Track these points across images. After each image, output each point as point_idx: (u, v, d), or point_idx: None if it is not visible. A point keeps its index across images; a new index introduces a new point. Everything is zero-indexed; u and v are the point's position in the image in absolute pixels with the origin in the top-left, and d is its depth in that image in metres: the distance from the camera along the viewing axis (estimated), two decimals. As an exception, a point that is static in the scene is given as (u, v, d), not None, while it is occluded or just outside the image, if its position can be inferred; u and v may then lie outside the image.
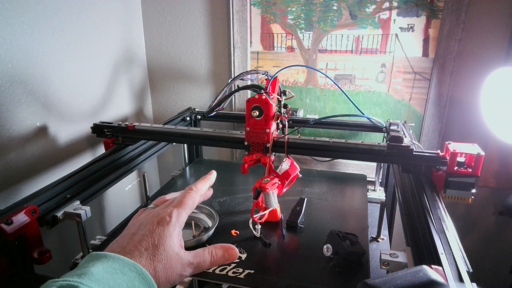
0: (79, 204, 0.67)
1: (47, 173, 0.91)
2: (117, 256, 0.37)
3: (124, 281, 0.35)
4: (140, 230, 0.42)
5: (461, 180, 0.65)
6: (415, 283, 0.37)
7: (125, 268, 0.36)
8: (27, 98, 0.83)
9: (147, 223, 0.43)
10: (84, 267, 0.36)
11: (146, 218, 0.44)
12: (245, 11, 1.16)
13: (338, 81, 1.16)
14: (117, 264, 0.36)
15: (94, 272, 0.34)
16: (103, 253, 0.38)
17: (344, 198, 0.89)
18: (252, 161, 0.72)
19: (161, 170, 1.45)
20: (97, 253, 0.38)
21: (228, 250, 0.46)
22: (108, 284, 0.34)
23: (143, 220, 0.44)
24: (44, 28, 0.86)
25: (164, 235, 0.42)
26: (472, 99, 1.06)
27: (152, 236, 0.41)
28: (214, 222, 0.72)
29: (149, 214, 0.45)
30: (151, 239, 0.41)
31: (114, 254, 0.37)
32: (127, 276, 0.36)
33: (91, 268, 0.35)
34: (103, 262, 0.36)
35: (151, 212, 0.45)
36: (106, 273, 0.35)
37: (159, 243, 0.41)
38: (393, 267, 0.53)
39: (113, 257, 0.37)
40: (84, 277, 0.34)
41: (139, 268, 0.37)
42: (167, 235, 0.42)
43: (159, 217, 0.43)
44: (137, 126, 0.86)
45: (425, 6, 1.03)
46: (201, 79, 1.29)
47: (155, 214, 0.44)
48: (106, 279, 0.34)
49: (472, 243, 1.23)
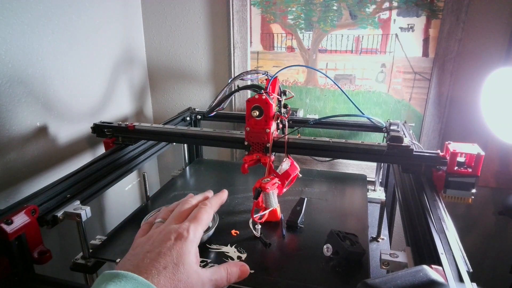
0: (79, 204, 0.67)
1: (47, 173, 0.91)
2: (130, 275, 0.35)
3: None
4: (155, 247, 0.39)
5: (461, 180, 0.65)
6: (415, 283, 0.37)
7: None
8: (27, 98, 0.83)
9: (163, 240, 0.40)
10: (98, 286, 0.34)
11: (161, 234, 0.41)
12: (245, 11, 1.16)
13: (338, 81, 1.16)
14: (131, 285, 0.34)
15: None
16: (116, 272, 0.35)
17: (344, 198, 0.89)
18: (252, 161, 0.72)
19: (161, 170, 1.45)
20: (110, 272, 0.35)
21: (241, 268, 0.46)
22: None
23: (156, 237, 0.41)
24: (44, 28, 0.86)
25: (184, 252, 0.39)
26: (472, 99, 1.06)
27: (171, 253, 0.39)
28: (214, 222, 0.72)
29: (164, 230, 0.42)
30: (169, 256, 0.38)
31: (127, 273, 0.35)
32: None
33: (106, 286, 0.33)
34: (116, 283, 0.34)
35: (165, 228, 0.43)
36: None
37: (179, 260, 0.38)
38: (393, 267, 0.53)
39: (126, 276, 0.34)
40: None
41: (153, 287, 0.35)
42: (187, 252, 0.40)
43: (176, 233, 0.41)
44: (137, 126, 0.86)
45: (425, 6, 1.03)
46: (201, 79, 1.29)
47: (171, 230, 0.41)
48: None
49: (472, 243, 1.23)
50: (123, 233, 0.74)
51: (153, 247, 0.40)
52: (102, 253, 0.67)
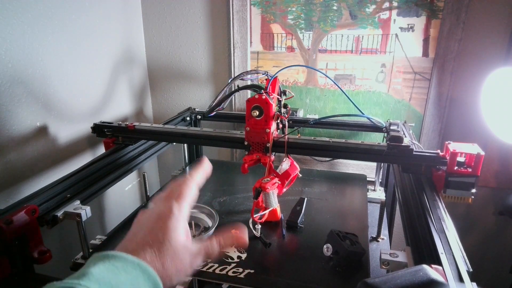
0: (79, 204, 0.67)
1: (47, 173, 0.91)
2: (119, 254, 0.37)
3: (128, 279, 0.35)
4: (141, 229, 0.42)
5: (461, 180, 0.65)
6: (415, 283, 0.37)
7: (128, 267, 0.36)
8: (27, 98, 0.83)
9: (148, 221, 0.43)
10: (85, 268, 0.35)
11: (146, 217, 0.44)
12: (245, 11, 1.16)
13: (338, 81, 1.16)
14: (120, 263, 0.36)
15: (94, 272, 0.34)
16: (105, 253, 0.37)
17: (344, 198, 0.89)
18: (252, 161, 0.72)
19: (161, 170, 1.45)
20: (100, 253, 0.37)
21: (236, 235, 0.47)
22: (109, 283, 0.33)
23: (144, 219, 0.44)
24: (44, 28, 0.86)
25: (168, 228, 0.41)
26: (472, 99, 1.06)
27: (156, 231, 0.41)
28: (214, 222, 0.72)
29: (149, 212, 0.45)
30: (155, 235, 0.40)
31: (117, 253, 0.37)
32: (130, 275, 0.35)
33: (91, 268, 0.34)
34: (105, 262, 0.35)
35: (152, 211, 0.45)
36: (108, 272, 0.34)
37: (164, 238, 0.40)
38: (393, 266, 0.53)
39: (115, 256, 0.36)
40: (83, 278, 0.33)
41: (143, 265, 0.37)
42: (171, 228, 0.41)
43: (160, 213, 0.43)
44: (137, 126, 0.86)
45: (425, 6, 1.03)
46: (201, 79, 1.29)
47: (156, 211, 0.44)
48: (108, 278, 0.34)
49: (472, 243, 1.23)
50: (123, 233, 0.73)
51: (140, 229, 0.42)
52: (102, 253, 0.67)
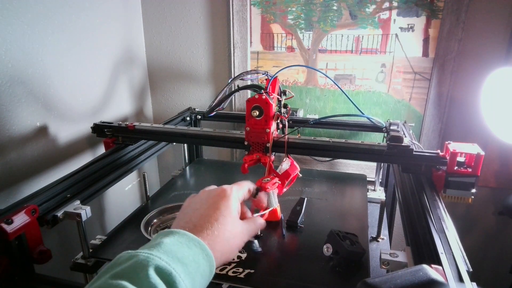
0: (79, 204, 0.67)
1: (47, 173, 0.91)
2: (182, 232, 0.41)
3: (190, 254, 0.39)
4: (203, 204, 0.46)
5: (461, 180, 0.65)
6: (415, 282, 0.37)
7: (190, 243, 0.40)
8: (27, 98, 0.83)
9: (209, 197, 0.47)
10: (155, 240, 0.39)
11: (206, 194, 0.49)
12: (245, 11, 1.16)
13: (338, 81, 1.16)
14: (183, 239, 0.40)
15: (163, 244, 0.38)
16: (170, 230, 0.41)
17: (344, 198, 0.89)
18: (252, 161, 0.72)
19: (161, 170, 1.45)
20: (165, 230, 0.42)
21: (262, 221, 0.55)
22: (176, 256, 0.37)
23: (202, 197, 0.48)
24: (44, 28, 0.86)
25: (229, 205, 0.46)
26: (472, 99, 1.06)
27: (219, 206, 0.46)
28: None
29: (208, 192, 0.49)
30: (218, 210, 0.45)
31: (180, 230, 0.41)
32: (192, 251, 0.39)
33: (163, 239, 0.39)
34: (171, 236, 0.40)
35: (209, 191, 0.50)
36: (174, 246, 0.38)
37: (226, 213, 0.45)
38: (393, 266, 0.53)
39: (179, 232, 0.41)
40: (154, 249, 0.37)
41: (203, 245, 0.40)
42: (231, 206, 0.47)
43: (221, 191, 0.48)
44: (137, 126, 0.86)
45: (425, 6, 1.03)
46: (201, 79, 1.29)
47: (215, 190, 0.49)
48: (174, 251, 0.38)
49: (472, 243, 1.23)
50: (123, 233, 0.74)
51: (201, 205, 0.47)
52: (102, 253, 0.67)
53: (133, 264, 0.35)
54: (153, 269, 0.34)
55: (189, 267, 0.37)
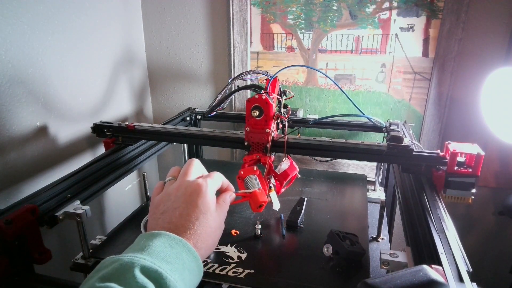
0: (79, 204, 0.67)
1: (47, 173, 0.91)
2: (164, 233, 0.41)
3: (174, 253, 0.39)
4: (181, 202, 0.45)
5: (461, 180, 0.65)
6: (415, 283, 0.37)
7: (173, 243, 0.40)
8: (27, 98, 0.83)
9: (186, 194, 0.46)
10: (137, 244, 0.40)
11: (181, 189, 0.47)
12: (245, 11, 1.16)
13: (338, 81, 1.16)
14: (166, 239, 0.40)
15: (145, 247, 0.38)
16: (153, 232, 0.41)
17: (344, 198, 0.89)
18: (252, 161, 0.72)
19: (161, 170, 1.45)
20: (146, 233, 0.42)
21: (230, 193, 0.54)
22: (159, 256, 0.38)
23: (177, 193, 0.46)
24: (44, 28, 0.86)
25: (207, 201, 0.46)
26: (472, 99, 1.06)
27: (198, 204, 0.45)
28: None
29: (181, 185, 0.47)
30: (197, 208, 0.45)
31: (161, 232, 0.41)
32: (175, 249, 0.40)
33: (145, 243, 0.39)
34: (153, 239, 0.40)
35: (182, 184, 0.48)
36: (157, 247, 0.39)
37: (206, 210, 0.45)
38: (393, 267, 0.53)
39: (160, 234, 0.41)
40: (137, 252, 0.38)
41: (185, 243, 0.41)
42: (209, 201, 0.46)
43: (196, 186, 0.46)
44: (137, 126, 0.86)
45: (425, 6, 1.03)
46: (201, 79, 1.29)
47: (190, 184, 0.47)
48: (158, 252, 0.38)
49: (472, 243, 1.23)
50: (123, 233, 0.74)
51: (179, 203, 0.45)
52: (102, 253, 0.67)
53: (119, 267, 0.36)
54: (138, 269, 0.35)
55: (174, 265, 0.38)
